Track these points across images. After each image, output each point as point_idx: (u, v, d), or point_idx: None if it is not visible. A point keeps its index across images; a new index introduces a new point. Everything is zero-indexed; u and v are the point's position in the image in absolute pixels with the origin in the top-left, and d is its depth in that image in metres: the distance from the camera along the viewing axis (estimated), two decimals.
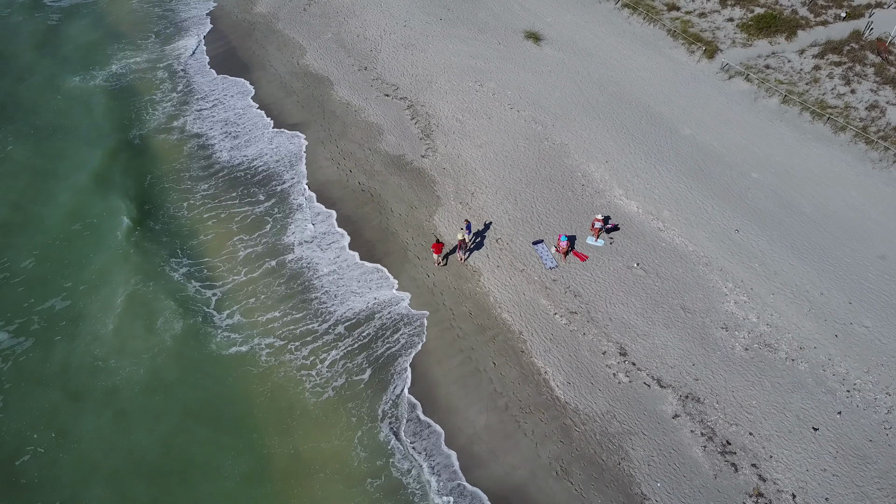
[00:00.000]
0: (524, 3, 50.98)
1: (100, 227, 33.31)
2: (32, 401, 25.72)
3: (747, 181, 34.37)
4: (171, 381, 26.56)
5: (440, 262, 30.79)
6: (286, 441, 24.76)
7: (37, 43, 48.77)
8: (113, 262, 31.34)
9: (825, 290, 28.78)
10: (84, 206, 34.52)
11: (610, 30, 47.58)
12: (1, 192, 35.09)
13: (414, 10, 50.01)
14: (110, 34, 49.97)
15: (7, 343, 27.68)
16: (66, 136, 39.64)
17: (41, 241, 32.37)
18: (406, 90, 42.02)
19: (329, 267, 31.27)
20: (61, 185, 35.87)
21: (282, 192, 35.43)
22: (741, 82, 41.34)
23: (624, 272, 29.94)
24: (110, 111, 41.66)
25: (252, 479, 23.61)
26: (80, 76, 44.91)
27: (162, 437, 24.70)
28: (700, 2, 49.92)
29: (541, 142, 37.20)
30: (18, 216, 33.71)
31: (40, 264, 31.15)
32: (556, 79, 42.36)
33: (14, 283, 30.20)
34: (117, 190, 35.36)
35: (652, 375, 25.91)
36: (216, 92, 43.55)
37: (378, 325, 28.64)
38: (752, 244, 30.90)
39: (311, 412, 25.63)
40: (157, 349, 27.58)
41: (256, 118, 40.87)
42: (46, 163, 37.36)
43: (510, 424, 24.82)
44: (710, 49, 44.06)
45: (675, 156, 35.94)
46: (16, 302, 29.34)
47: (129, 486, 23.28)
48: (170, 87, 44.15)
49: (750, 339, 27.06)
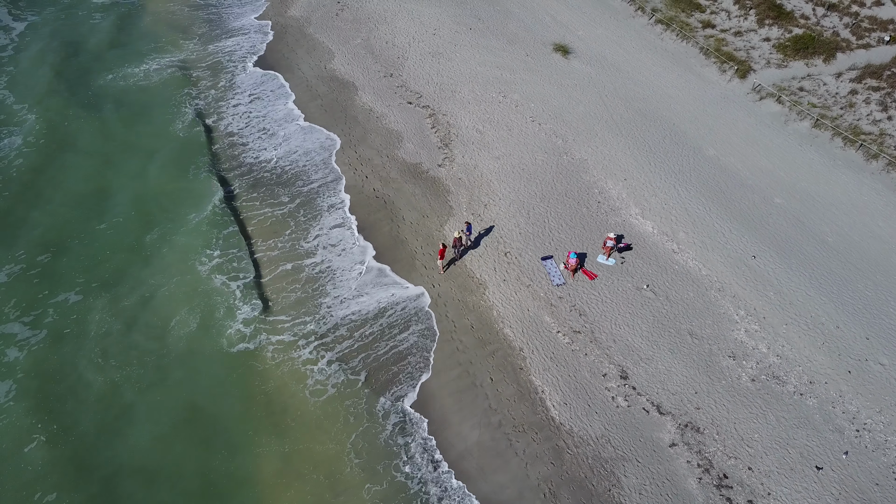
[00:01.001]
0: (556, 16, 50.59)
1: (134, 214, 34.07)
2: (43, 388, 26.30)
3: (769, 206, 33.36)
4: (180, 373, 26.89)
5: (441, 268, 30.67)
6: (280, 441, 24.83)
7: (84, 38, 50.22)
8: (138, 255, 31.99)
9: (842, 323, 27.69)
10: (116, 193, 35.35)
11: (641, 45, 46.86)
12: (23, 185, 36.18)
13: (444, 19, 50.06)
14: (147, 33, 51.16)
15: (23, 334, 28.35)
16: (108, 124, 40.69)
17: (59, 233, 33.20)
18: (429, 98, 42.03)
19: (349, 275, 31.25)
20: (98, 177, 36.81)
21: (313, 195, 35.67)
22: (772, 104, 40.23)
23: (632, 293, 29.31)
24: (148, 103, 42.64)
25: (243, 480, 23.68)
26: (127, 69, 46.00)
27: (160, 434, 24.91)
28: (737, 20, 48.86)
29: (560, 156, 36.76)
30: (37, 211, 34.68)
31: (58, 257, 31.93)
32: (582, 93, 41.87)
33: (30, 274, 30.99)
34: (152, 178, 36.21)
35: (652, 401, 25.25)
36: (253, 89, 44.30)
37: (387, 328, 28.58)
38: (769, 271, 29.94)
39: (311, 411, 25.67)
40: (172, 342, 27.98)
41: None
42: (81, 156, 38.37)
43: (502, 442, 24.44)
44: (742, 69, 43.03)
45: (696, 176, 35.12)
46: (31, 293, 30.09)
47: (119, 481, 23.57)
48: (210, 83, 45.00)
49: (758, 369, 26.18)
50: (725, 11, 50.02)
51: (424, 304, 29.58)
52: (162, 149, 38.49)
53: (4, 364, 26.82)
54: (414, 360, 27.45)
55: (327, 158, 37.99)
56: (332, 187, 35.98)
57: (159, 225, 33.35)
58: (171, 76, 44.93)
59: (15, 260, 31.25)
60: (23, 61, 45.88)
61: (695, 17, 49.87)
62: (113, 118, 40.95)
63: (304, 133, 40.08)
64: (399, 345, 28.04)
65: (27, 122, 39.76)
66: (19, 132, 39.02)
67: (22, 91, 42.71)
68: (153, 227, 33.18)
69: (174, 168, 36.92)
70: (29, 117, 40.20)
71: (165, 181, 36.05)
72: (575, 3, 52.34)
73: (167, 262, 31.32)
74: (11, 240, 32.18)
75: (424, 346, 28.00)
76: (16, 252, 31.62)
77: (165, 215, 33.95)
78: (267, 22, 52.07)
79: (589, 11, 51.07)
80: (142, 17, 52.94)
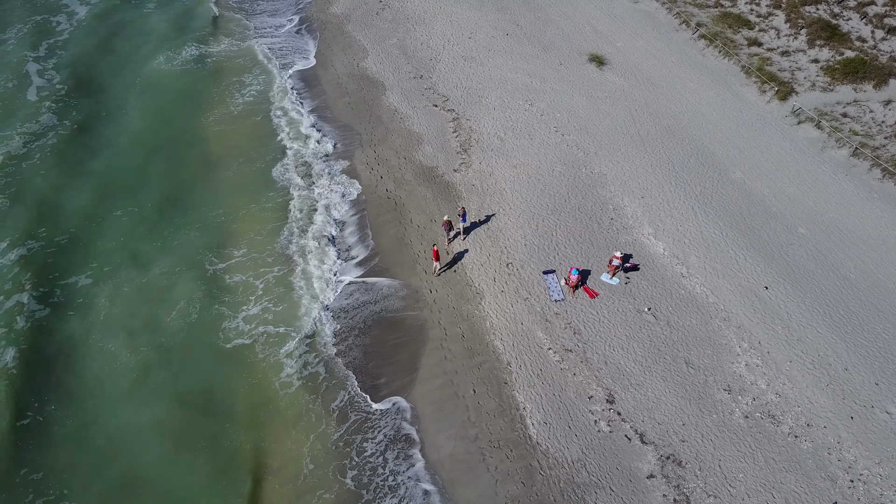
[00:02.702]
0: (597, 26, 49.59)
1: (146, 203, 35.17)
2: (41, 367, 27.34)
3: (791, 236, 31.82)
4: (172, 364, 27.58)
5: (437, 271, 30.59)
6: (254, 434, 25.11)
7: (121, 30, 52.15)
8: (143, 241, 32.98)
9: (851, 365, 26.14)
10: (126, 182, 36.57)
11: (680, 60, 45.46)
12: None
13: (482, 24, 49.73)
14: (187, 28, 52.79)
15: (31, 306, 29.54)
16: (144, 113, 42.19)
17: (77, 222, 34.48)
18: (455, 102, 41.79)
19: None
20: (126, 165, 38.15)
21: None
22: (810, 129, 38.39)
23: (632, 315, 28.40)
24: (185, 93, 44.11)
25: (219, 472, 24.00)
26: (166, 56, 47.57)
27: (144, 425, 25.51)
28: (786, 39, 46.88)
29: (578, 169, 35.97)
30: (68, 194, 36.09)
31: (73, 242, 33.17)
32: (611, 105, 40.88)
33: (49, 251, 32.26)
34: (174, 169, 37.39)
35: (636, 429, 24.39)
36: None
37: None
38: (780, 304, 28.54)
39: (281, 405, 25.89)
40: (169, 331, 28.72)
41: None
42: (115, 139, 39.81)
43: (475, 456, 24.03)
44: (783, 90, 41.21)
45: (717, 199, 33.80)
46: (46, 272, 31.32)
47: (97, 470, 24.27)
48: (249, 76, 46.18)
49: (753, 406, 24.96)
50: (775, 29, 48.06)
51: (417, 308, 29.40)
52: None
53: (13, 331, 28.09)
54: (400, 367, 27.31)
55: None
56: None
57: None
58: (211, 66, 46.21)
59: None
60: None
61: (742, 34, 48.08)
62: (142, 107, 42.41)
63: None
64: (388, 350, 27.95)
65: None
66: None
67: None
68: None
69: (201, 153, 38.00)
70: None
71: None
72: (619, 14, 51.20)
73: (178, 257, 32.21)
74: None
75: (415, 351, 27.81)
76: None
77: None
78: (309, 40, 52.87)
79: (632, 23, 49.87)
80: (185, 12, 54.61)
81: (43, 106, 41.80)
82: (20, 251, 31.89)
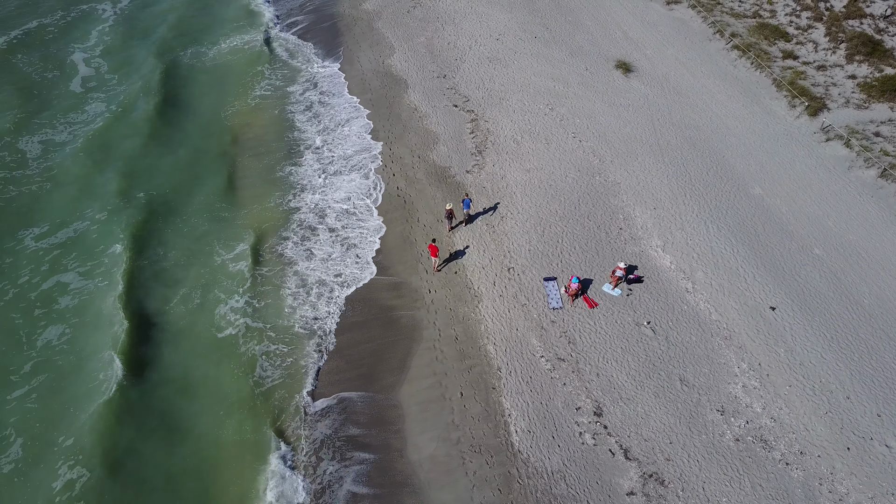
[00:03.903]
0: (629, 32, 48.78)
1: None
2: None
3: (806, 256, 30.77)
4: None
5: (436, 267, 30.73)
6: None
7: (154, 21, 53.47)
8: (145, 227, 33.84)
9: (854, 394, 25.16)
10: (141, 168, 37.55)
11: (710, 70, 44.38)
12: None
13: (512, 25, 49.41)
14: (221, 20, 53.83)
15: (76, 284, 30.65)
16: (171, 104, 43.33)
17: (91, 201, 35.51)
18: (475, 103, 41.64)
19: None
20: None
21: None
22: (839, 147, 37.05)
23: (630, 328, 27.87)
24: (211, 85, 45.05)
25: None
26: (197, 50, 48.63)
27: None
28: (824, 53, 45.36)
29: (592, 176, 35.46)
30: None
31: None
32: (633, 113, 40.17)
33: (85, 233, 33.37)
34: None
35: (621, 444, 23.93)
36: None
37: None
38: (786, 326, 27.64)
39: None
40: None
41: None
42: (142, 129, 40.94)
43: (455, 460, 23.92)
44: (814, 105, 39.87)
45: (732, 215, 32.92)
46: (81, 252, 32.40)
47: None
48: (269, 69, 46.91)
49: (745, 429, 24.24)
50: (813, 43, 46.54)
51: (413, 308, 29.42)
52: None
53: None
54: (391, 365, 27.38)
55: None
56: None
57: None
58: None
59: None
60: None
61: (777, 46, 46.68)
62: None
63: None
64: (380, 347, 28.06)
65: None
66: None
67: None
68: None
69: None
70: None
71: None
72: (652, 21, 50.25)
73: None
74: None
75: (408, 350, 27.84)
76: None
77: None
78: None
79: (664, 30, 48.90)
80: (220, 5, 55.82)
81: (87, 95, 43.02)
82: (67, 232, 32.93)
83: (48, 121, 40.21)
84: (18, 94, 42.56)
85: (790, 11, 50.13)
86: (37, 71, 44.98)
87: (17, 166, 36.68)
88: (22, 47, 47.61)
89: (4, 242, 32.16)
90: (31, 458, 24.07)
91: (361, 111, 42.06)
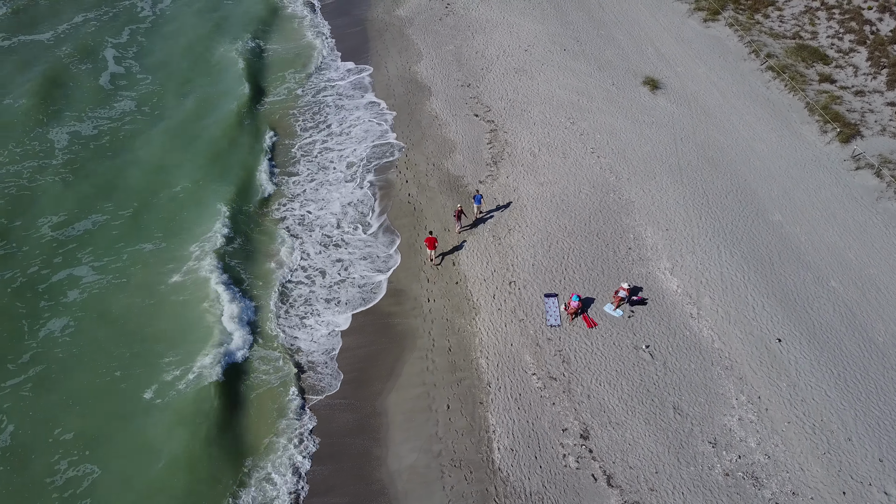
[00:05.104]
0: (661, 48, 47.88)
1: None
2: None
3: (821, 288, 29.59)
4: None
5: (434, 260, 31.23)
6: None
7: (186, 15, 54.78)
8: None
9: (856, 436, 24.01)
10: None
11: (742, 91, 43.19)
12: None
13: (542, 37, 49.02)
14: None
15: (87, 277, 31.56)
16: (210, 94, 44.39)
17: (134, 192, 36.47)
18: (497, 114, 41.42)
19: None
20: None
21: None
22: (869, 176, 35.58)
23: (628, 351, 27.22)
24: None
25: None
26: (230, 46, 49.66)
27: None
28: (864, 78, 43.71)
29: (606, 193, 34.84)
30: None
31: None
32: (655, 131, 39.36)
33: (108, 225, 34.35)
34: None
35: (605, 469, 23.34)
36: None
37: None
38: (791, 360, 26.59)
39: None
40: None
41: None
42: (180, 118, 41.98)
43: (434, 472, 23.69)
44: (847, 132, 38.40)
45: (747, 241, 31.90)
46: (101, 242, 33.36)
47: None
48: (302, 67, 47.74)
49: (737, 464, 23.37)
50: (854, 67, 44.90)
51: (410, 316, 29.31)
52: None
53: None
54: (381, 371, 27.33)
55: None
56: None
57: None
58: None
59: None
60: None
61: (815, 69, 45.17)
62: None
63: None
64: (372, 352, 28.03)
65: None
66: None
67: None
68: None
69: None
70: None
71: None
72: (687, 37, 49.22)
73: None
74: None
75: (400, 358, 27.77)
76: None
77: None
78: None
79: (698, 47, 47.83)
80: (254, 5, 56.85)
81: (115, 92, 44.18)
82: (84, 224, 33.87)
83: (77, 113, 41.47)
84: (55, 86, 43.94)
85: (833, 34, 48.47)
86: (73, 63, 46.46)
87: (44, 156, 37.90)
88: (65, 41, 49.21)
89: (23, 230, 33.15)
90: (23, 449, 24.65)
91: (384, 116, 42.24)
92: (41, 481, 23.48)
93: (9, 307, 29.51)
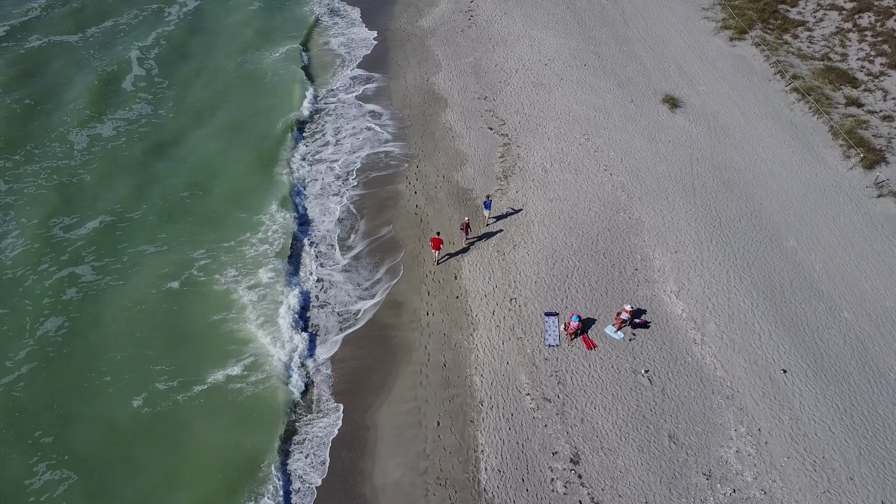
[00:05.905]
0: (683, 66, 47.10)
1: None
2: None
3: (832, 319, 28.60)
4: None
5: (436, 259, 31.63)
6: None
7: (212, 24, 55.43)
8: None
9: (859, 476, 23.04)
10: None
11: (764, 112, 42.21)
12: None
13: (563, 52, 48.61)
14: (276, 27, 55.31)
15: (88, 277, 32.07)
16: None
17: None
18: (511, 127, 41.12)
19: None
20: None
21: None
22: (891, 204, 34.41)
23: (626, 375, 26.59)
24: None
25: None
26: (253, 55, 50.24)
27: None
28: (893, 103, 42.38)
29: (616, 212, 34.25)
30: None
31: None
32: (671, 150, 38.64)
33: (121, 224, 34.90)
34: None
35: (593, 497, 22.74)
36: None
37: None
38: (795, 392, 25.70)
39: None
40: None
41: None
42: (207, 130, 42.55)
43: (419, 490, 23.35)
44: (871, 158, 37.22)
45: (759, 266, 31.03)
46: (113, 243, 33.90)
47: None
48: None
49: (731, 498, 22.59)
50: (883, 91, 43.58)
51: (406, 329, 29.10)
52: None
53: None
54: (374, 383, 27.13)
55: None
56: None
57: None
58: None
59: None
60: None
61: (842, 92, 43.97)
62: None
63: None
64: (367, 364, 27.87)
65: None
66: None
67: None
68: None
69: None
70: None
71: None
72: (711, 56, 48.36)
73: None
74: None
75: (393, 371, 27.54)
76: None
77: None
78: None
79: (722, 67, 46.94)
80: (283, 9, 57.29)
81: (137, 95, 44.68)
82: (94, 224, 34.35)
83: (97, 115, 42.10)
84: (83, 87, 44.62)
85: (863, 56, 47.20)
86: (101, 65, 47.29)
87: (63, 156, 38.60)
88: (94, 45, 50.13)
89: (36, 229, 33.70)
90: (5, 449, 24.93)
91: (398, 126, 42.26)
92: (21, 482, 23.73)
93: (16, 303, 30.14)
